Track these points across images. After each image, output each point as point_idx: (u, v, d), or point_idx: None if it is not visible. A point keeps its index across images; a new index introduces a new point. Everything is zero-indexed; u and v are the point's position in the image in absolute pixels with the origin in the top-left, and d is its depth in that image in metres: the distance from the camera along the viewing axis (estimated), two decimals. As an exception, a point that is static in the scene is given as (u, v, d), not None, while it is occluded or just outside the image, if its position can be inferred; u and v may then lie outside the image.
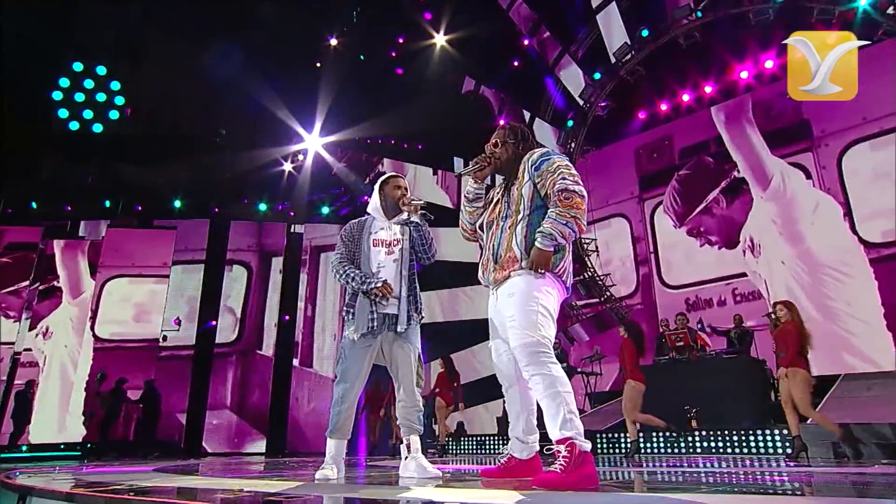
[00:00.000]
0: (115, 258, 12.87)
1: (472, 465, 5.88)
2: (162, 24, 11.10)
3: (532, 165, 2.37)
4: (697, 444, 6.66)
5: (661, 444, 6.81)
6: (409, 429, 3.03)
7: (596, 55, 12.28)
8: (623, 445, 6.95)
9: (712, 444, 6.51)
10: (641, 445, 6.56)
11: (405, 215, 3.13)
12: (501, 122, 2.66)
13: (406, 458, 3.01)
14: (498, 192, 2.55)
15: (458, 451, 9.06)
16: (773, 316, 5.85)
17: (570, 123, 12.86)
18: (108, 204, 13.52)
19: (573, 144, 12.72)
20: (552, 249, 2.24)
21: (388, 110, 12.66)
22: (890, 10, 9.20)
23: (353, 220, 3.22)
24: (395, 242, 3.09)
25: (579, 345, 12.09)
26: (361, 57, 12.76)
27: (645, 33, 11.53)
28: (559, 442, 2.12)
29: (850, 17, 9.27)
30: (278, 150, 13.34)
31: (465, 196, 2.63)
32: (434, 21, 12.72)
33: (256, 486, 2.47)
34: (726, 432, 6.45)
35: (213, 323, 13.15)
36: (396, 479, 2.96)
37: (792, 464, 4.65)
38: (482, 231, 2.58)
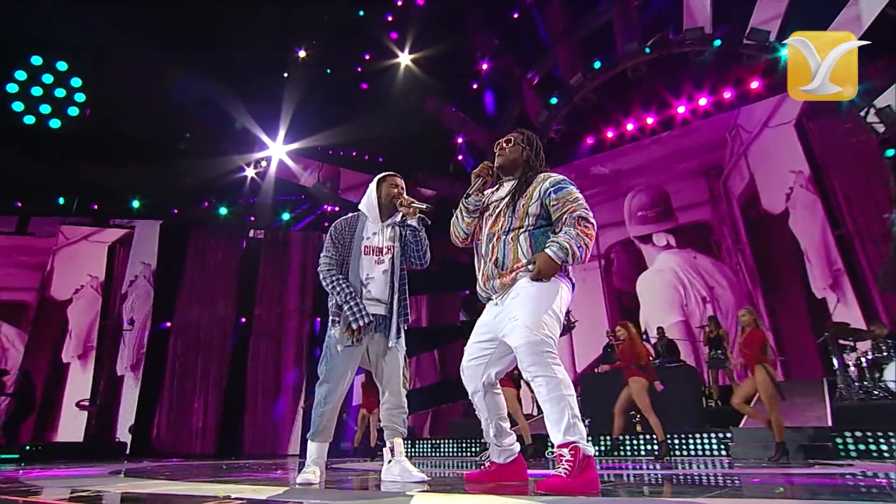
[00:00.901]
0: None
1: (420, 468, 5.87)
2: (129, 27, 10.63)
3: (548, 190, 2.32)
4: (642, 447, 6.90)
5: (607, 447, 6.99)
6: (393, 431, 2.88)
7: (552, 81, 12.59)
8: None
9: (657, 448, 6.70)
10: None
11: (399, 216, 2.96)
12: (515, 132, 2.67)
13: (389, 461, 2.87)
14: (499, 207, 2.45)
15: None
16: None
17: None
18: (61, 201, 12.80)
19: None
20: (560, 263, 2.18)
21: (351, 123, 12.65)
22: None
23: (343, 219, 2.98)
24: (387, 250, 2.91)
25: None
26: (328, 71, 12.64)
27: (597, 65, 12.00)
28: (563, 446, 2.05)
29: (775, 65, 9.91)
30: (242, 157, 13.02)
31: (464, 206, 2.52)
32: (400, 41, 12.81)
33: (242, 493, 2.27)
34: (670, 435, 6.66)
35: (168, 324, 12.63)
36: (381, 484, 2.83)
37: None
38: (480, 241, 2.51)
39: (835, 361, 7.18)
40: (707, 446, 6.47)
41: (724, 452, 5.94)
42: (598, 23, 11.93)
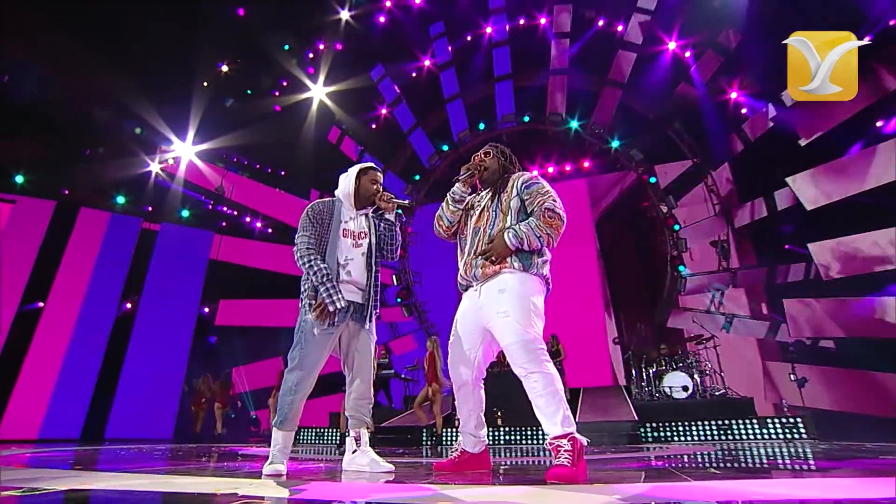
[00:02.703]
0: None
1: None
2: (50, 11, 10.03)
3: (523, 184, 2.34)
4: (502, 438, 7.52)
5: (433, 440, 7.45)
6: (359, 421, 2.69)
7: (444, 132, 13.96)
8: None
9: (515, 438, 7.45)
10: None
11: (372, 209, 2.85)
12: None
13: (354, 451, 2.69)
14: (483, 202, 2.47)
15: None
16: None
17: (417, 177, 14.17)
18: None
19: (418, 195, 13.97)
20: (513, 248, 2.20)
21: (261, 139, 12.81)
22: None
23: (319, 201, 2.76)
24: (364, 235, 2.76)
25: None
26: (249, 91, 12.79)
27: (481, 126, 13.55)
28: (560, 437, 2.01)
29: (607, 152, 12.15)
30: (148, 150, 12.51)
31: (451, 196, 2.50)
32: (315, 76, 13.35)
33: (233, 487, 1.96)
34: (524, 428, 7.44)
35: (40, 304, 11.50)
36: (345, 473, 2.58)
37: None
38: (465, 235, 2.48)
39: (633, 372, 8.91)
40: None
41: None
42: (485, 92, 13.50)
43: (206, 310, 13.49)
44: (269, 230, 14.14)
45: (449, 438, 6.95)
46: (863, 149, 10.06)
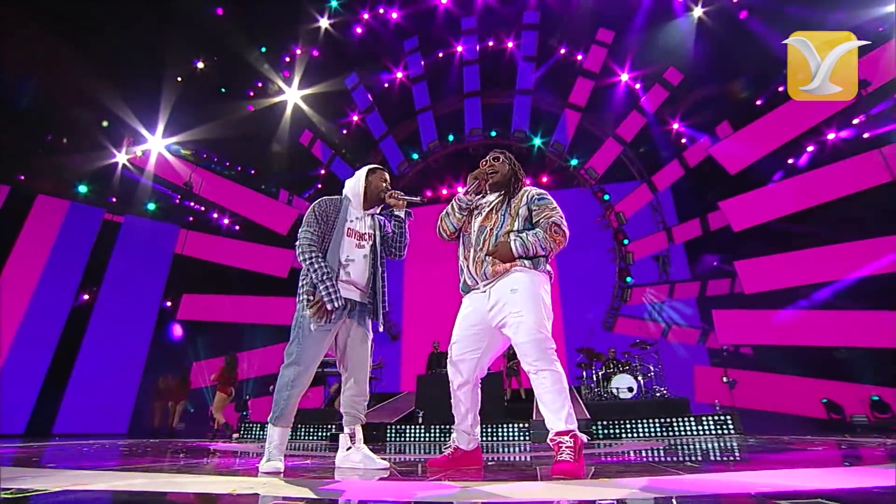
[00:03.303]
0: None
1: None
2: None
3: (534, 197, 2.36)
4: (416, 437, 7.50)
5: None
6: (354, 418, 2.60)
7: (414, 141, 14.04)
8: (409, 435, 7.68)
9: (436, 435, 7.33)
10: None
11: (379, 209, 2.77)
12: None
13: (349, 448, 2.58)
14: (492, 203, 2.43)
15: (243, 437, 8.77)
16: None
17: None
18: None
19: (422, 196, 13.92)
20: (517, 255, 2.22)
21: (232, 135, 12.42)
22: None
23: (327, 198, 2.67)
24: (368, 237, 2.67)
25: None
26: (223, 90, 12.34)
27: (451, 138, 13.76)
28: (563, 433, 2.02)
29: (567, 168, 12.60)
30: (115, 141, 11.80)
31: (457, 203, 2.46)
32: (290, 79, 13.09)
33: (248, 487, 1.80)
34: (484, 426, 7.41)
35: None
36: (338, 471, 2.43)
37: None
38: (468, 233, 2.45)
39: (584, 374, 9.22)
40: (511, 434, 7.23)
41: (524, 438, 6.97)
42: (455, 106, 13.69)
43: (169, 304, 12.85)
44: (237, 227, 13.69)
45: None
46: (780, 180, 11.01)
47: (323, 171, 14.69)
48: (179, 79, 11.68)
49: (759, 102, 11.46)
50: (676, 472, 2.12)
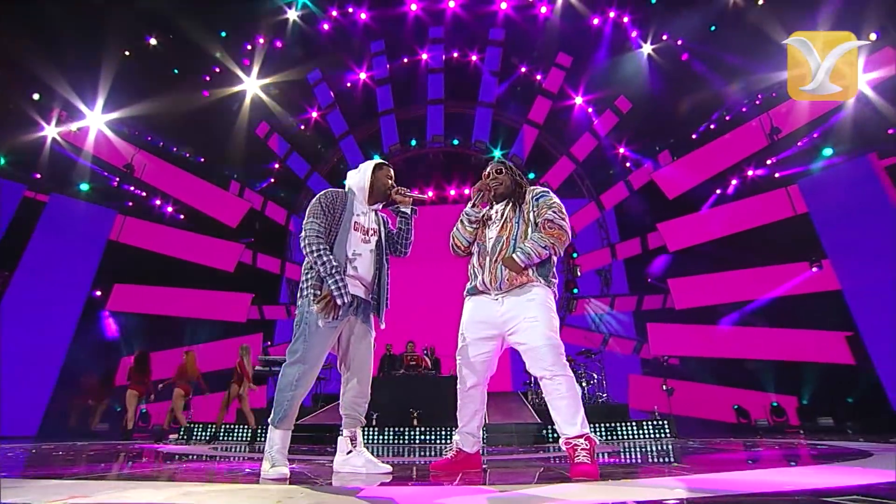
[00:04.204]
0: None
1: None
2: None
3: (534, 197, 2.38)
4: (418, 437, 7.31)
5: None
6: (354, 420, 2.47)
7: (375, 143, 13.77)
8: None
9: (431, 438, 7.27)
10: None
11: (381, 205, 2.65)
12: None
13: (349, 452, 2.44)
14: (504, 213, 2.42)
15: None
16: None
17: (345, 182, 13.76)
18: None
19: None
20: (524, 266, 2.22)
21: (182, 120, 11.59)
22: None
23: (332, 191, 2.54)
24: (373, 232, 2.56)
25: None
26: (175, 71, 11.47)
27: (413, 143, 13.64)
28: (579, 437, 2.02)
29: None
30: (44, 114, 10.58)
31: (467, 218, 2.44)
32: (249, 68, 12.46)
33: (275, 498, 1.62)
34: (441, 429, 7.32)
35: None
36: (338, 475, 2.31)
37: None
38: (483, 242, 2.42)
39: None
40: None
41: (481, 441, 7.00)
42: (418, 112, 13.64)
43: (98, 293, 11.68)
44: (181, 216, 12.70)
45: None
46: (711, 207, 12.02)
47: (277, 165, 14.07)
48: (128, 53, 10.69)
49: (694, 136, 12.48)
50: (681, 473, 2.19)
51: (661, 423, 7.50)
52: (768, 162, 11.63)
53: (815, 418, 9.68)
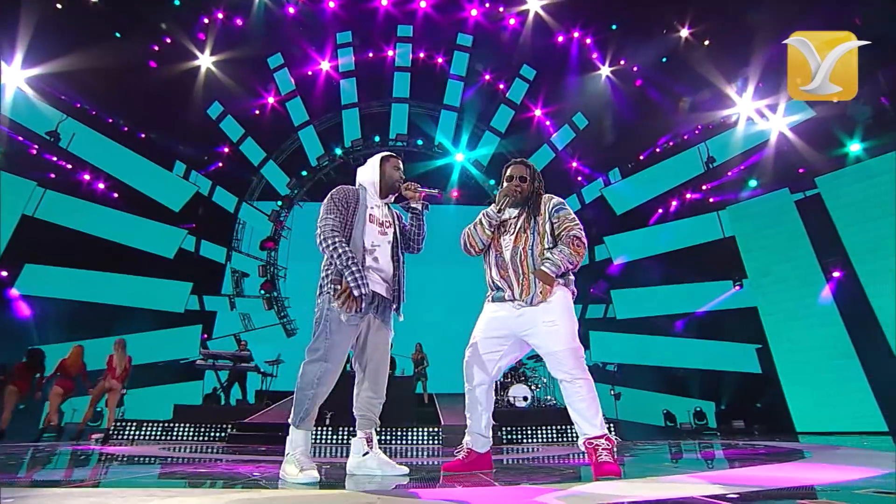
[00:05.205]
0: None
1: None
2: None
3: (553, 208, 2.37)
4: (329, 438, 7.13)
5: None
6: (369, 421, 2.36)
7: (337, 136, 13.24)
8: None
9: (343, 438, 7.00)
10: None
11: (393, 198, 2.54)
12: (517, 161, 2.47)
13: (366, 453, 2.33)
14: (519, 222, 2.40)
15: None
16: None
17: (304, 173, 13.20)
18: None
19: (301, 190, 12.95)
20: (553, 277, 2.23)
21: (124, 90, 10.52)
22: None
23: (345, 186, 2.43)
24: (389, 224, 2.46)
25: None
26: (117, 34, 10.37)
27: (377, 139, 13.28)
28: (598, 437, 2.07)
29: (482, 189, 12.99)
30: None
31: (487, 220, 2.40)
32: (204, 43, 11.56)
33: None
34: (393, 430, 7.15)
35: None
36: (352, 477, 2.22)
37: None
38: (499, 252, 2.39)
39: None
40: (420, 438, 7.19)
41: (435, 442, 6.79)
42: (382, 109, 13.33)
43: (5, 273, 10.26)
44: (115, 195, 11.47)
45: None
46: (653, 225, 12.83)
47: (227, 150, 13.16)
48: (59, 5, 9.47)
49: (642, 157, 13.27)
50: (688, 471, 2.30)
51: (609, 426, 7.80)
52: (703, 187, 12.60)
53: (730, 421, 10.62)
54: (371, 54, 13.23)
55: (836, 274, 10.21)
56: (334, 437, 7.05)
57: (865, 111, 10.32)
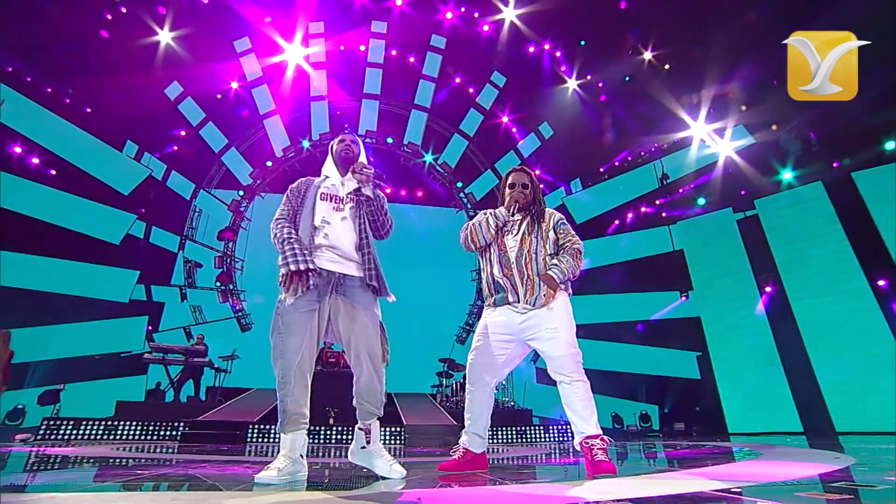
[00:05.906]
0: None
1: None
2: None
3: (558, 222, 2.48)
4: (334, 437, 7.02)
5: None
6: (367, 413, 2.16)
7: (303, 128, 12.79)
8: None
9: (347, 438, 6.80)
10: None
11: (346, 183, 2.35)
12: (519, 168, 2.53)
13: (364, 447, 2.18)
14: (522, 226, 2.46)
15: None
16: None
17: (269, 164, 12.67)
18: None
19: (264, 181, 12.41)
20: (559, 282, 2.31)
21: (71, 59, 9.69)
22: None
23: (306, 178, 2.37)
24: (349, 199, 2.28)
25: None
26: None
27: (305, 144, 12.93)
28: (594, 437, 2.14)
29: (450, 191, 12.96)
30: None
31: (495, 220, 2.46)
32: (164, 17, 10.84)
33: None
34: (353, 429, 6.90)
35: None
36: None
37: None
38: (504, 252, 2.43)
39: (441, 382, 9.39)
40: (385, 438, 6.96)
41: (398, 441, 6.69)
42: (352, 104, 13.01)
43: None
44: (52, 172, 10.48)
45: None
46: (613, 234, 13.36)
47: (184, 133, 12.39)
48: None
49: (602, 169, 13.80)
50: (672, 469, 2.41)
51: (565, 427, 8.07)
52: (657, 202, 13.28)
53: (672, 423, 11.24)
54: (342, 48, 12.93)
55: (768, 289, 11.04)
56: (338, 436, 6.91)
57: (796, 143, 11.28)
